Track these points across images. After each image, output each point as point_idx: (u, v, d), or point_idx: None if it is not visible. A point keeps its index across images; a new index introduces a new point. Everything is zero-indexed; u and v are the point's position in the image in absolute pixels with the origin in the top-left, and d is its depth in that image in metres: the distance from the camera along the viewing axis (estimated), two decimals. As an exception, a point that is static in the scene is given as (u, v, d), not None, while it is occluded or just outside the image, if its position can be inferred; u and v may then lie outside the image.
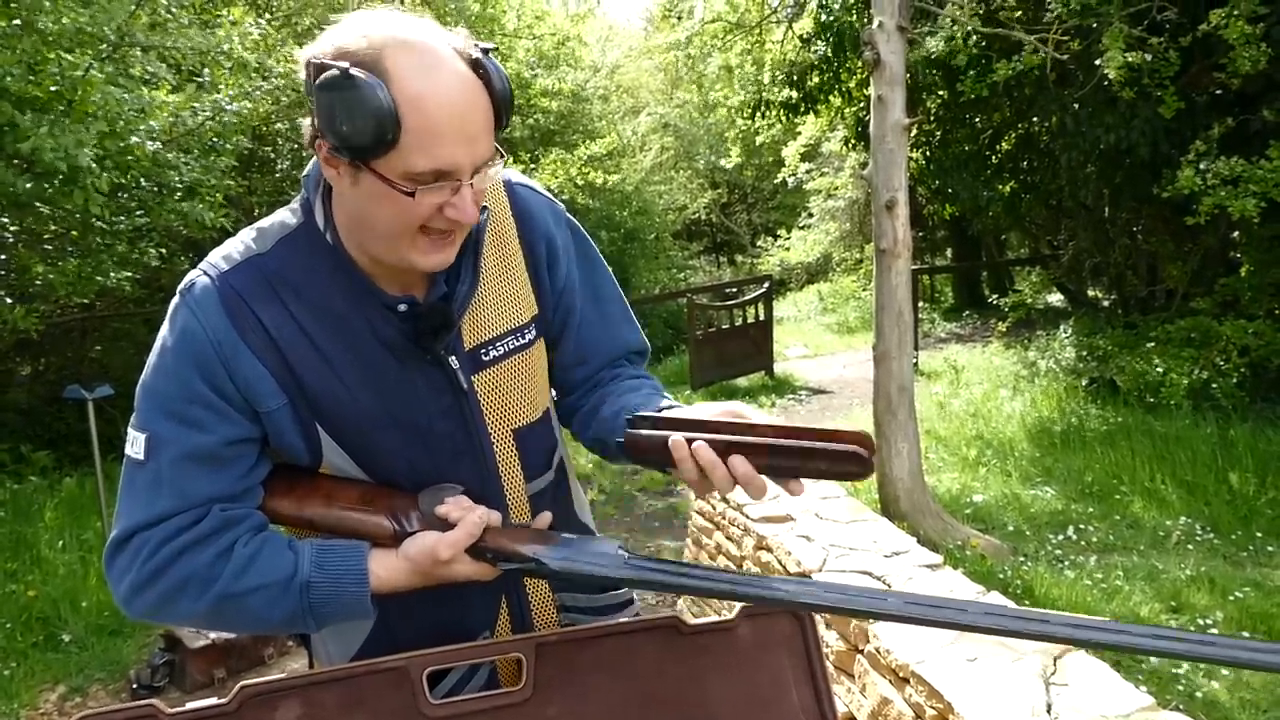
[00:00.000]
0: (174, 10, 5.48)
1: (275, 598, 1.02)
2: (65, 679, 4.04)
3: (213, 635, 3.94)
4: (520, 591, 1.21)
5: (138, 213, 5.85)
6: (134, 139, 4.52)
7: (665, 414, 1.04)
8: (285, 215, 1.10)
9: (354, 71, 0.89)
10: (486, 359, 1.14)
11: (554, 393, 1.32)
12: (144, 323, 8.81)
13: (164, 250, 7.13)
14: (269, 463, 1.10)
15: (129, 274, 6.19)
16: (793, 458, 0.95)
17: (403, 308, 1.06)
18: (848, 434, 0.94)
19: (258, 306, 1.03)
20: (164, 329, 1.05)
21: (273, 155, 9.35)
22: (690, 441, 0.97)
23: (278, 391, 1.04)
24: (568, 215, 1.27)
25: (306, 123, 0.99)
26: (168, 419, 1.02)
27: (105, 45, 4.80)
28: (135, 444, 1.03)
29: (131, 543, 1.02)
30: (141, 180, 5.35)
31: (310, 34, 9.34)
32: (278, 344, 1.03)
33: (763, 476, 0.96)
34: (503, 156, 1.01)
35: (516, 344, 1.16)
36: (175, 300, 1.05)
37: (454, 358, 1.10)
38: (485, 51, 0.99)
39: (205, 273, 1.05)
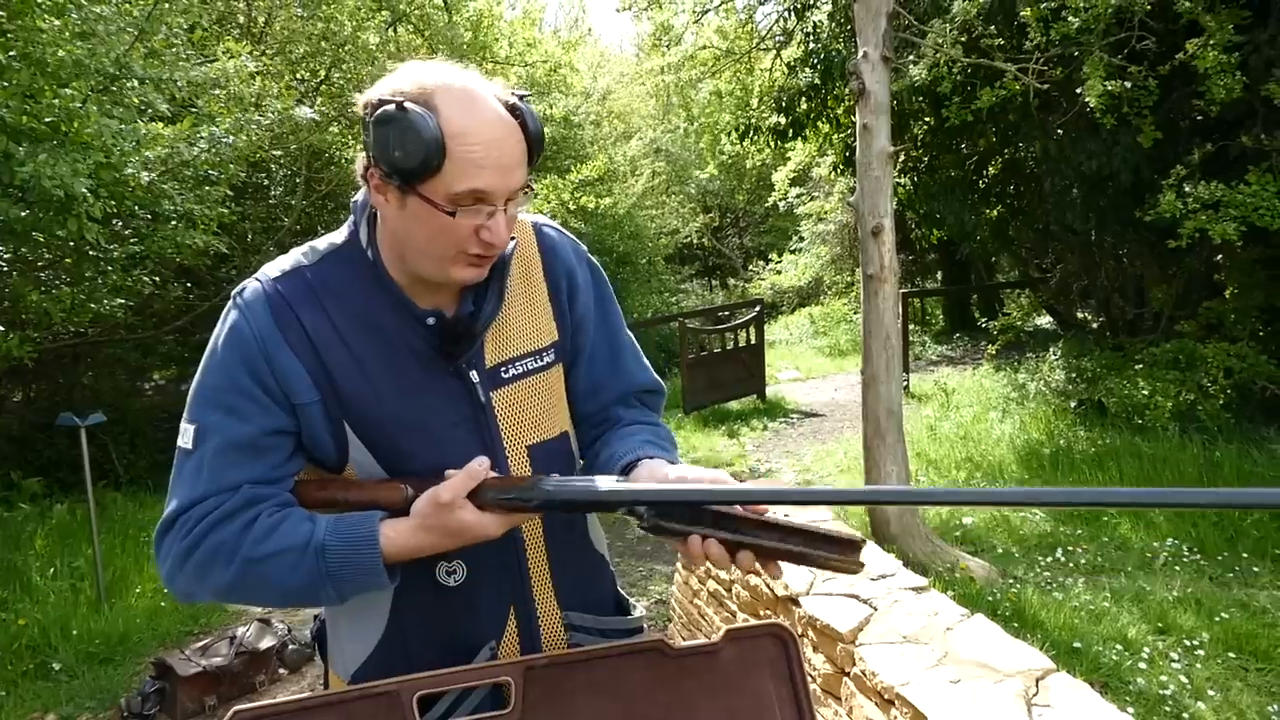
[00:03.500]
0: (172, 43, 5.54)
1: (294, 563, 1.08)
2: (55, 707, 4.02)
3: (204, 662, 3.93)
4: (529, 605, 1.25)
5: (132, 240, 5.89)
6: (129, 169, 4.57)
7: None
8: (334, 236, 1.23)
9: (408, 105, 1.03)
10: (505, 376, 1.23)
11: None
12: (136, 348, 8.82)
13: (157, 278, 7.17)
14: (303, 460, 1.19)
15: (122, 301, 6.23)
16: (794, 557, 1.02)
17: (431, 321, 1.17)
18: (844, 538, 1.01)
19: (300, 310, 1.14)
20: (216, 330, 1.16)
21: (266, 182, 9.41)
22: (704, 538, 1.03)
23: (311, 388, 1.14)
24: (590, 257, 1.38)
25: (361, 156, 1.12)
26: (215, 410, 1.13)
27: (103, 77, 4.85)
28: (185, 435, 1.14)
29: (176, 523, 1.11)
30: (136, 209, 5.40)
31: (304, 62, 9.45)
32: (315, 345, 1.14)
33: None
34: (532, 190, 1.13)
35: (535, 365, 1.25)
36: (228, 304, 1.17)
37: (474, 372, 1.20)
38: (521, 97, 1.12)
39: (257, 279, 1.17)
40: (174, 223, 5.79)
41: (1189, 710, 3.30)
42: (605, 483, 1.08)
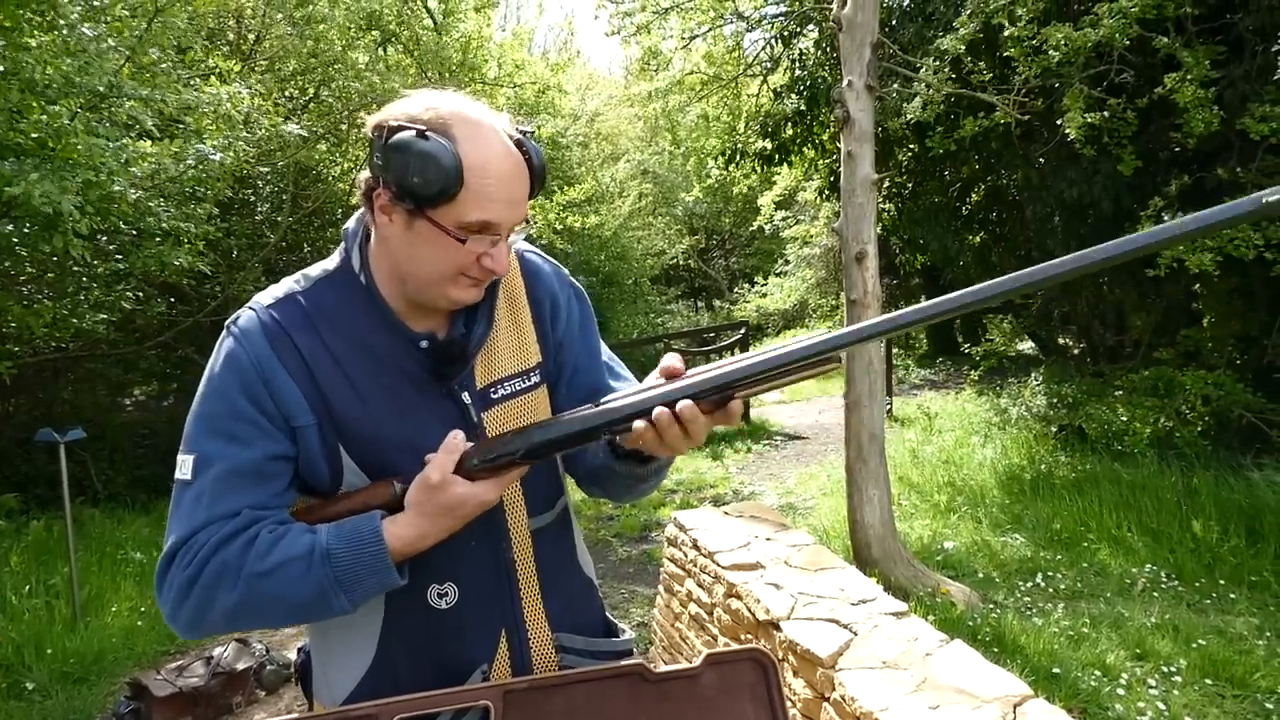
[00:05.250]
0: (162, 63, 5.55)
1: (300, 574, 1.07)
2: (27, 729, 3.96)
3: (179, 683, 3.89)
4: (521, 627, 1.25)
5: (116, 257, 5.87)
6: (116, 186, 4.57)
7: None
8: (326, 263, 1.25)
9: (430, 133, 1.07)
10: (495, 397, 1.25)
11: None
12: (117, 364, 8.76)
13: (140, 294, 7.14)
14: (298, 492, 1.19)
15: (104, 316, 6.20)
16: (781, 381, 1.08)
17: (424, 344, 1.19)
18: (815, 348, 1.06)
19: (295, 334, 1.16)
20: (212, 359, 1.17)
21: (252, 198, 9.40)
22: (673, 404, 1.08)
23: (308, 411, 1.15)
24: (573, 281, 1.42)
25: (364, 176, 1.15)
26: (214, 438, 1.12)
27: (92, 95, 4.86)
28: (183, 467, 1.13)
29: (177, 556, 1.10)
30: (121, 225, 5.39)
31: (293, 79, 9.47)
32: (310, 368, 1.15)
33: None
34: (529, 222, 1.18)
35: (523, 385, 1.28)
36: (223, 334, 1.18)
37: (466, 394, 1.22)
38: (525, 133, 1.17)
39: (251, 307, 1.19)
40: (159, 240, 5.77)
41: (1166, 737, 3.32)
42: (583, 410, 1.12)
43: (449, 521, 1.11)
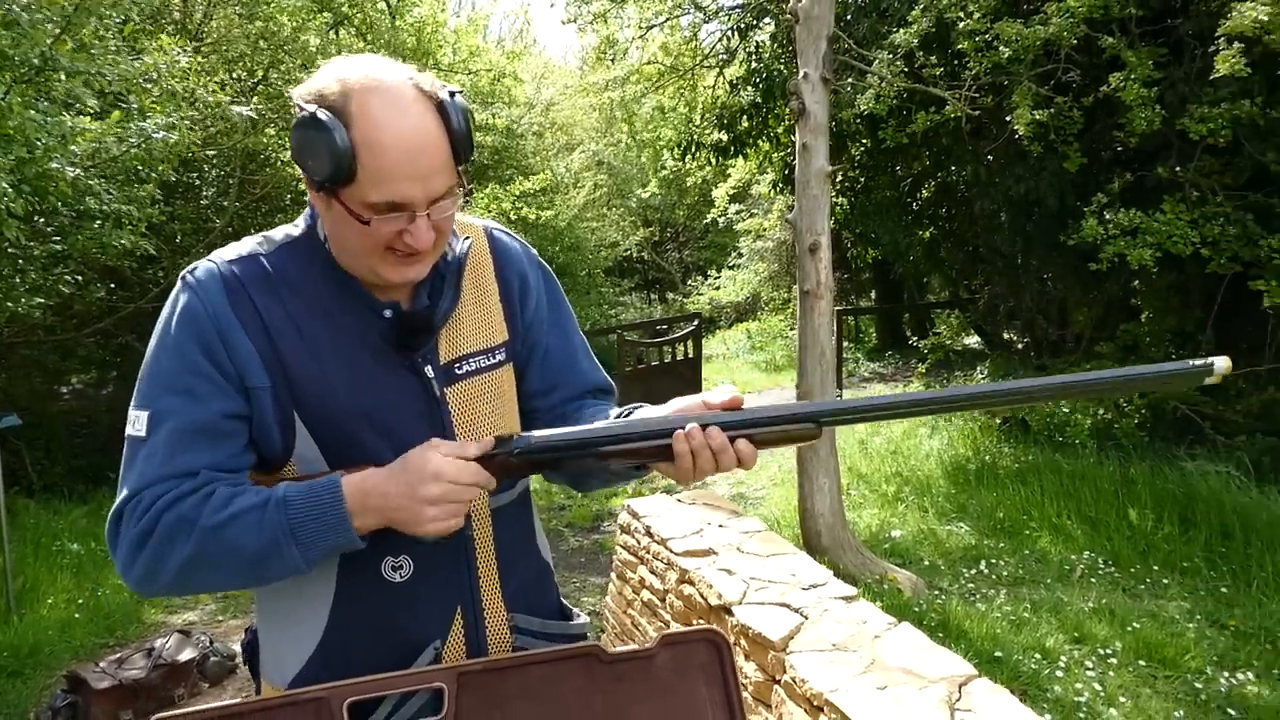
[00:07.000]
0: (101, 36, 5.37)
1: (255, 523, 1.04)
2: (-42, 724, 3.84)
3: (119, 675, 3.80)
4: (477, 605, 1.23)
5: (54, 239, 5.68)
6: (54, 165, 4.41)
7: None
8: (290, 228, 1.21)
9: (319, 115, 1.02)
10: (460, 373, 1.22)
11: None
12: (54, 350, 8.50)
13: (79, 277, 6.93)
14: (254, 455, 1.15)
15: (41, 300, 6.00)
16: (772, 440, 1.13)
17: (388, 313, 1.16)
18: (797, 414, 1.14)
19: (255, 293, 1.12)
20: (165, 311, 1.12)
21: (198, 182, 9.17)
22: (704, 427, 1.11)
23: (264, 373, 1.11)
24: (541, 260, 1.39)
25: None
26: (169, 393, 1.08)
27: (27, 69, 4.68)
28: (136, 423, 1.09)
29: (126, 509, 1.07)
30: (60, 206, 5.20)
31: (241, 61, 9.25)
32: (269, 330, 1.11)
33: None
34: (463, 188, 1.12)
35: (488, 363, 1.26)
36: (177, 285, 1.13)
37: (430, 368, 1.19)
38: (452, 94, 1.10)
39: (210, 260, 1.14)
40: (100, 221, 5.60)
41: (1102, 716, 3.43)
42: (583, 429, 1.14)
43: (419, 484, 1.04)
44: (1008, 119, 6.15)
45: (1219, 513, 5.15)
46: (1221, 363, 1.00)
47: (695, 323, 11.19)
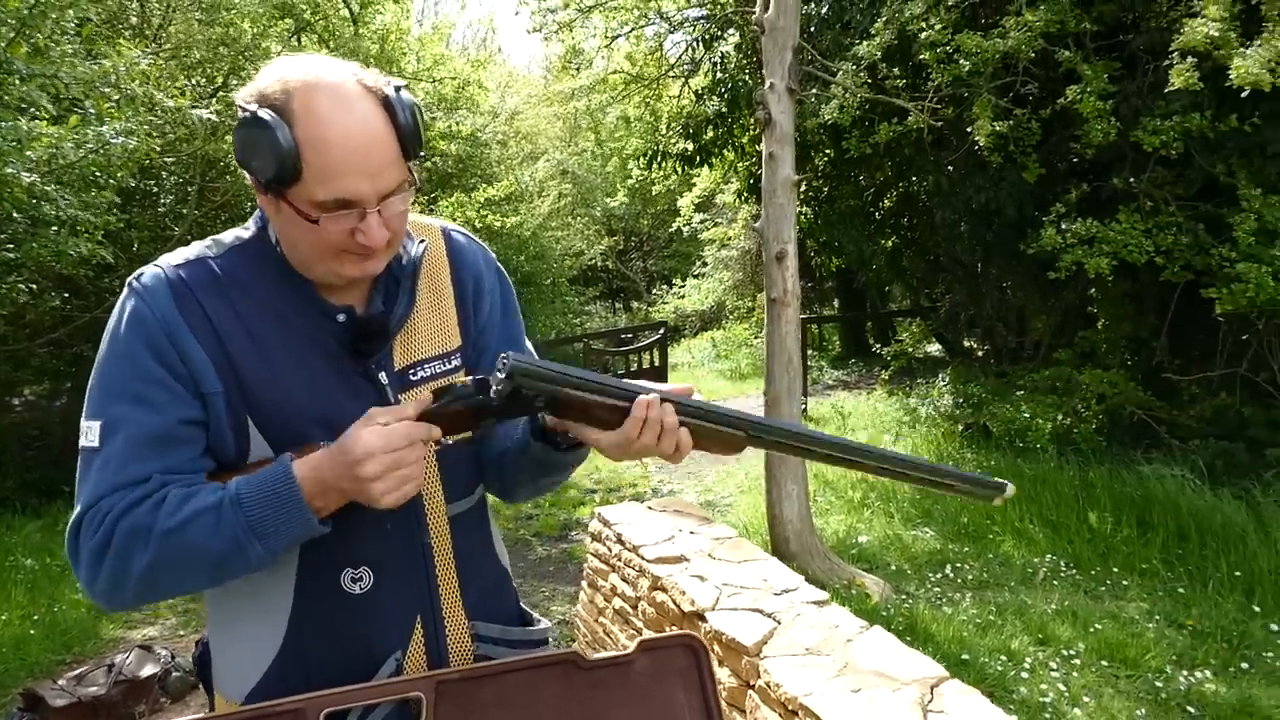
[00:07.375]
0: (56, 39, 5.26)
1: (212, 524, 1.02)
2: (-94, 746, 3.72)
3: (78, 692, 3.70)
4: (437, 614, 1.22)
5: (7, 246, 5.54)
6: (9, 170, 4.30)
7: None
8: (240, 230, 1.18)
9: (261, 114, 1.01)
10: (414, 379, 1.21)
11: None
12: (6, 361, 8.28)
13: (33, 286, 6.76)
14: (210, 461, 1.12)
15: (-7, 310, 5.86)
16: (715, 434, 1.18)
17: (341, 317, 1.14)
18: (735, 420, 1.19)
19: (204, 298, 1.10)
20: (113, 320, 1.09)
21: (156, 190, 9.01)
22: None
23: (215, 378, 1.09)
24: (498, 264, 1.37)
25: None
26: (121, 401, 1.06)
27: (-20, 72, 4.57)
28: (89, 433, 1.06)
29: (83, 522, 1.04)
30: (15, 213, 5.07)
31: (200, 67, 9.12)
32: (219, 334, 1.09)
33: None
34: (414, 184, 1.10)
35: (442, 369, 1.24)
36: (124, 292, 1.10)
37: (384, 374, 1.17)
38: (398, 89, 1.08)
39: (157, 265, 1.12)
40: (56, 228, 5.47)
41: (1066, 716, 3.49)
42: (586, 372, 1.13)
43: (348, 463, 1.01)
44: (968, 130, 6.26)
45: (1175, 515, 5.26)
46: (1010, 489, 1.19)
47: (661, 331, 11.23)
